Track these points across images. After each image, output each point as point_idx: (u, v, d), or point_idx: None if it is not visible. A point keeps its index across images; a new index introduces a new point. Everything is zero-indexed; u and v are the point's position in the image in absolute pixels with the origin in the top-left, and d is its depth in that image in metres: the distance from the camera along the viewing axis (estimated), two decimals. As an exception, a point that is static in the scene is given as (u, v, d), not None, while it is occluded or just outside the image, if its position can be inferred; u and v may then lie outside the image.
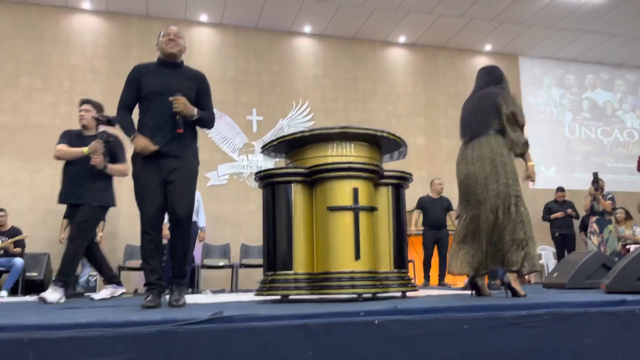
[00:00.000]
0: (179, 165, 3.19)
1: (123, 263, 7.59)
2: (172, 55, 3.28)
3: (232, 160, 8.98)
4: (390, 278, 3.55)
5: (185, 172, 3.21)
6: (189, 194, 3.24)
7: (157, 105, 3.18)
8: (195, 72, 3.39)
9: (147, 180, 3.17)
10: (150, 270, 3.21)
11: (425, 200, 7.58)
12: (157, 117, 3.18)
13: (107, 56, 8.74)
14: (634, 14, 9.05)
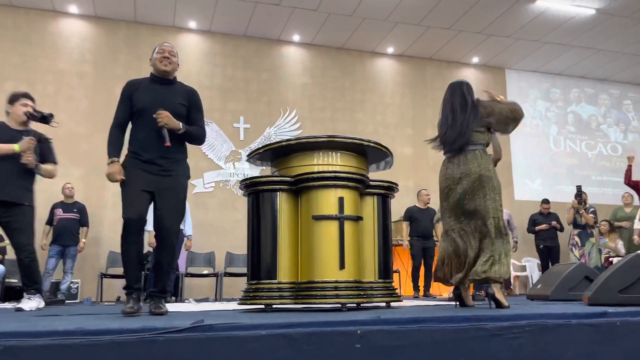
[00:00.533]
0: (170, 183, 3.22)
1: (106, 270, 7.50)
2: (165, 72, 3.32)
3: (218, 168, 8.95)
4: (375, 288, 3.55)
5: (174, 188, 3.23)
6: (177, 210, 3.25)
7: (148, 121, 3.19)
8: (187, 88, 3.41)
9: (133, 189, 3.17)
10: (130, 274, 3.21)
11: (413, 210, 7.61)
12: (148, 132, 3.20)
13: (93, 61, 8.68)
14: (618, 30, 9.21)
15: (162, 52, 3.31)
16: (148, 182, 3.18)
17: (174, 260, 3.41)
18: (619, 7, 8.48)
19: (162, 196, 3.19)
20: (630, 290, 3.75)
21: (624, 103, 11.50)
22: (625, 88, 11.52)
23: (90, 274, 7.79)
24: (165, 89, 3.31)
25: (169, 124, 3.16)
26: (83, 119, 8.39)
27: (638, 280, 3.76)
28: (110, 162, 3.19)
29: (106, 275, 7.29)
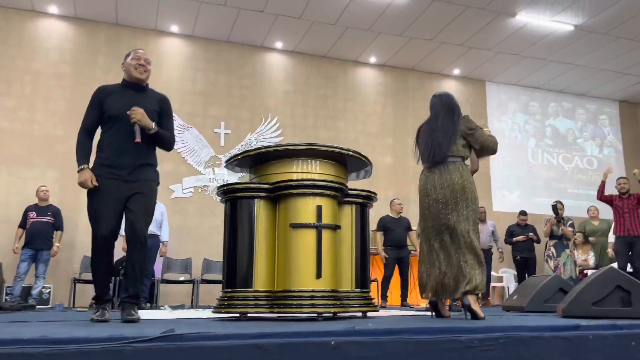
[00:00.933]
0: (140, 186, 3.19)
1: (79, 275, 7.35)
2: (140, 80, 3.31)
3: (197, 173, 8.86)
4: (352, 297, 3.52)
5: (145, 193, 3.20)
6: (148, 215, 3.23)
7: (120, 127, 3.18)
8: (159, 95, 3.41)
9: (104, 202, 3.13)
10: (100, 285, 3.18)
11: (387, 220, 7.60)
12: (119, 139, 3.17)
13: (72, 62, 8.55)
14: (595, 47, 9.40)
15: (137, 59, 3.29)
16: (119, 190, 3.14)
17: (146, 265, 3.41)
18: (597, 24, 8.66)
19: (133, 200, 3.16)
20: (603, 303, 3.79)
21: (600, 118, 11.72)
22: (601, 103, 11.75)
23: (63, 279, 7.63)
24: (137, 95, 3.29)
25: (142, 121, 3.14)
26: (60, 121, 8.24)
27: (611, 293, 3.81)
28: (81, 169, 3.16)
29: (79, 280, 7.15)
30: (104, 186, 3.14)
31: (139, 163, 3.20)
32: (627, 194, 6.66)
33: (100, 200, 3.13)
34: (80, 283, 7.19)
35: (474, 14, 8.42)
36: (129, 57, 3.33)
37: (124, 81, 3.35)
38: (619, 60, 9.94)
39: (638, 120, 11.98)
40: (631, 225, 6.53)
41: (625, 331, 2.46)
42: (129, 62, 3.31)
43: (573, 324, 2.46)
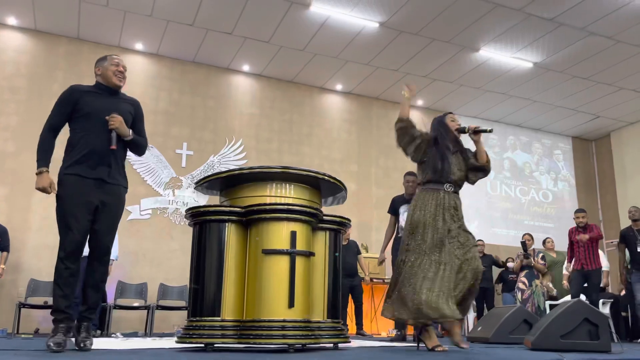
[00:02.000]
0: (112, 192, 3.13)
1: (25, 299, 6.90)
2: (117, 87, 3.29)
3: (156, 195, 8.57)
4: (323, 328, 3.40)
5: (116, 202, 3.16)
6: (114, 225, 3.19)
7: (95, 127, 3.11)
8: (132, 99, 3.43)
9: (76, 204, 3.00)
10: (62, 295, 3.00)
11: None
12: (94, 140, 3.10)
13: (29, 75, 8.20)
14: (551, 84, 9.76)
15: (116, 65, 3.25)
16: (91, 195, 3.04)
17: (106, 276, 3.29)
18: (554, 63, 9.01)
19: (103, 211, 3.09)
20: (571, 336, 3.80)
21: (555, 153, 12.13)
22: (556, 138, 12.18)
23: (6, 303, 7.15)
24: (113, 99, 3.26)
25: (120, 129, 3.12)
26: (11, 136, 7.84)
27: (579, 326, 3.83)
28: (40, 172, 3.02)
29: (25, 305, 6.70)
30: (76, 187, 3.02)
31: (112, 167, 3.14)
32: (584, 228, 6.82)
33: (72, 202, 3.00)
34: (26, 308, 6.75)
35: (439, 47, 8.61)
36: (106, 61, 3.26)
37: (98, 84, 3.26)
38: (573, 98, 10.35)
39: (589, 156, 12.47)
40: (588, 259, 6.67)
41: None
42: (106, 67, 3.24)
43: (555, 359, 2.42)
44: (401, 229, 5.71)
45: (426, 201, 3.43)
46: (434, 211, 3.38)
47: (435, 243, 3.32)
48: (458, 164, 3.53)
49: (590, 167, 12.40)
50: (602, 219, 11.87)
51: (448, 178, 3.45)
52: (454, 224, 3.37)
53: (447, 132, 3.56)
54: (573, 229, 6.94)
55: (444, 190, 3.45)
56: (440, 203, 3.40)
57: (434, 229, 3.34)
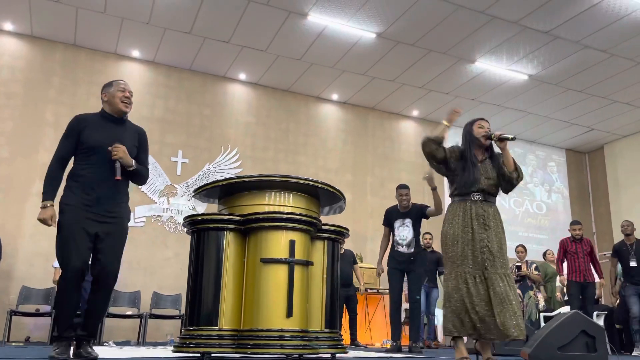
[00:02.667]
0: (113, 222, 3.12)
1: (16, 307, 6.82)
2: (124, 113, 3.26)
3: (151, 202, 8.53)
4: (321, 338, 3.37)
5: (118, 231, 3.15)
6: (118, 253, 3.16)
7: (98, 159, 3.09)
8: (138, 128, 3.38)
9: (77, 233, 2.99)
10: (64, 322, 3.00)
11: None
12: (97, 172, 3.09)
13: (24, 81, 8.16)
14: (546, 96, 9.84)
15: (123, 91, 3.22)
16: (91, 224, 3.03)
17: (108, 304, 3.30)
18: (549, 75, 9.08)
19: (106, 239, 3.07)
20: (568, 348, 3.80)
21: (549, 165, 12.20)
22: (550, 151, 12.25)
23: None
24: (118, 128, 3.22)
25: (124, 159, 3.09)
26: (6, 142, 7.77)
27: (576, 337, 3.83)
28: (44, 205, 3.01)
29: (16, 312, 6.62)
30: (76, 216, 3.01)
31: (114, 198, 3.13)
32: (580, 239, 6.84)
33: (72, 231, 2.98)
34: (17, 315, 6.67)
35: (435, 58, 8.66)
36: (112, 87, 3.24)
37: (103, 112, 3.25)
38: (567, 111, 10.43)
39: (583, 169, 12.55)
40: (585, 271, 6.68)
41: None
42: (113, 93, 3.22)
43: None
44: (396, 243, 5.71)
45: (454, 213, 3.34)
46: (462, 222, 3.28)
47: (466, 254, 3.22)
48: (486, 172, 3.37)
49: (583, 179, 12.47)
50: (595, 231, 11.92)
51: (473, 187, 3.32)
52: (484, 233, 3.23)
53: (473, 142, 3.48)
54: (567, 239, 6.95)
55: (471, 200, 3.32)
56: (468, 213, 3.29)
57: (463, 240, 3.25)
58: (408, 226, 5.67)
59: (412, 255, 5.59)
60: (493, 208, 3.37)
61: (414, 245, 5.62)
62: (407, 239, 5.63)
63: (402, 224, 5.72)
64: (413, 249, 5.60)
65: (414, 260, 5.57)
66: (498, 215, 3.38)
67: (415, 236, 5.65)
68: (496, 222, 3.32)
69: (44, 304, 7.03)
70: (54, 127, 7.99)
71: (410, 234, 5.65)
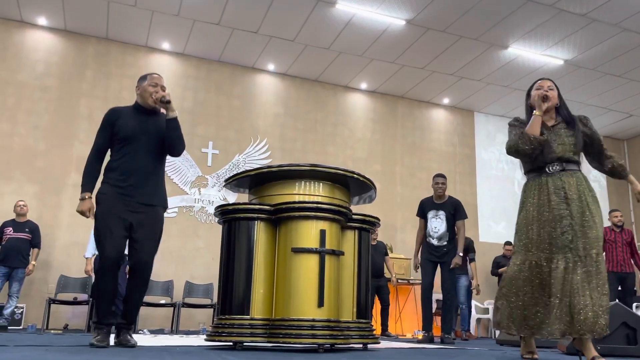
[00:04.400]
0: (149, 211, 3.15)
1: (55, 295, 7.01)
2: (152, 108, 3.29)
3: (183, 193, 8.63)
4: (352, 328, 3.35)
5: (153, 219, 3.17)
6: (154, 242, 3.19)
7: (132, 148, 3.15)
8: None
9: (112, 222, 3.05)
10: (103, 309, 3.06)
11: None
12: (131, 160, 3.14)
13: (59, 75, 8.33)
14: (582, 82, 9.54)
15: (154, 86, 3.25)
16: (127, 214, 3.08)
17: (145, 292, 3.29)
18: (586, 60, 8.79)
19: (141, 229, 3.11)
20: (608, 340, 3.69)
21: (585, 152, 11.84)
22: (586, 138, 11.89)
23: (36, 299, 7.27)
24: (150, 119, 3.26)
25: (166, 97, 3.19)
26: (42, 135, 7.97)
27: (617, 330, 3.71)
28: (83, 197, 3.09)
29: (55, 301, 6.81)
30: (111, 206, 3.07)
31: (149, 187, 3.16)
32: (621, 228, 6.63)
33: (107, 220, 3.04)
34: (56, 304, 6.85)
35: (466, 44, 8.48)
36: (145, 81, 3.28)
37: (136, 104, 3.30)
38: (605, 97, 10.10)
39: (621, 156, 12.15)
40: (624, 261, 6.48)
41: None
42: (145, 87, 3.26)
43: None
44: (428, 235, 5.62)
45: (527, 193, 2.91)
46: (537, 201, 2.82)
47: (543, 238, 2.77)
48: (559, 137, 2.87)
49: (621, 167, 12.08)
50: (634, 221, 11.56)
51: (547, 159, 2.85)
52: (566, 209, 2.74)
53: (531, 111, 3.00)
54: (607, 229, 6.75)
55: (547, 172, 2.85)
56: (544, 189, 2.82)
57: (539, 222, 2.79)
58: (441, 218, 5.57)
59: (446, 247, 5.49)
60: (574, 177, 2.82)
61: (446, 239, 5.51)
62: (440, 232, 5.54)
63: (436, 215, 5.62)
64: (446, 242, 5.50)
65: (447, 252, 5.48)
66: (584, 183, 2.83)
67: (447, 229, 5.55)
68: (580, 194, 2.78)
69: (81, 293, 7.21)
70: (88, 120, 8.15)
71: (443, 226, 5.54)
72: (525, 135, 2.85)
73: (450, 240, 5.52)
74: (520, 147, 2.86)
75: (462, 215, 5.59)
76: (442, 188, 5.65)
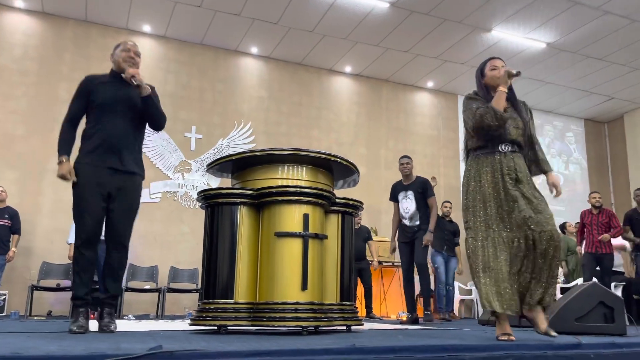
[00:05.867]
0: (127, 179, 3.12)
1: (37, 282, 6.95)
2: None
3: (166, 178, 8.57)
4: (335, 310, 3.38)
5: (131, 190, 3.15)
6: (130, 212, 3.16)
7: (107, 117, 3.10)
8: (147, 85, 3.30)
9: (89, 192, 3.01)
10: (80, 283, 3.01)
11: None
12: (107, 127, 3.09)
13: (38, 58, 8.16)
14: (564, 65, 9.60)
15: (127, 51, 3.21)
16: (104, 182, 3.04)
17: (126, 263, 3.24)
18: (568, 43, 8.85)
19: (119, 197, 3.07)
20: (586, 319, 3.77)
21: (567, 135, 11.99)
22: (568, 121, 12.02)
23: (19, 286, 7.21)
24: (126, 86, 3.19)
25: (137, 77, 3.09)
26: (21, 119, 7.83)
27: (594, 308, 3.80)
28: (60, 161, 3.04)
29: (37, 287, 6.75)
30: (89, 175, 3.02)
31: (125, 155, 3.11)
32: (599, 210, 6.74)
33: (85, 190, 3.01)
34: (38, 290, 6.80)
35: (450, 27, 8.47)
36: (119, 48, 3.24)
37: (112, 72, 3.24)
38: (586, 80, 10.18)
39: (602, 139, 12.32)
40: (600, 242, 6.60)
41: (624, 350, 2.41)
42: (118, 54, 3.22)
43: (574, 343, 2.39)
44: (401, 216, 5.68)
45: (480, 169, 2.89)
46: (492, 179, 2.84)
47: (502, 216, 2.81)
48: (512, 121, 2.91)
49: (602, 150, 12.25)
50: (614, 202, 11.76)
51: (502, 138, 2.87)
52: (518, 190, 2.79)
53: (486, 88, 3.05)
54: (586, 211, 6.86)
55: (499, 151, 2.86)
56: (498, 168, 2.84)
57: (496, 199, 2.82)
58: (410, 198, 5.63)
59: (417, 227, 5.55)
60: (522, 160, 2.91)
61: (417, 218, 5.57)
62: (410, 212, 5.60)
63: (405, 196, 5.68)
64: (417, 222, 5.56)
65: (418, 230, 5.54)
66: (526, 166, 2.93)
67: (417, 208, 5.59)
68: (527, 176, 2.87)
69: (64, 279, 7.16)
70: (67, 104, 8.00)
71: (413, 206, 5.60)
72: (492, 110, 2.84)
73: (421, 219, 5.56)
74: (488, 122, 2.83)
75: (430, 192, 5.62)
76: (407, 168, 5.71)
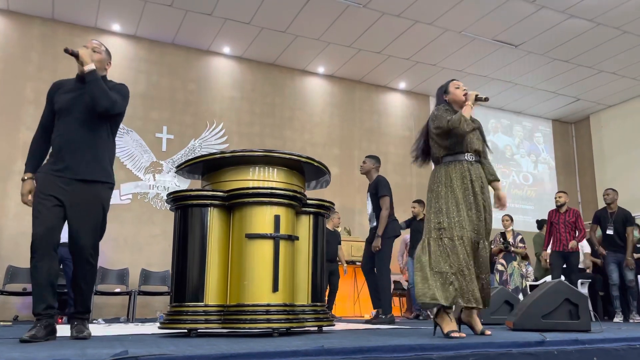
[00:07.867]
0: (83, 188, 2.91)
1: (2, 286, 6.78)
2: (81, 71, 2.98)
3: (137, 179, 8.45)
4: (307, 312, 3.38)
5: (87, 197, 2.92)
6: (92, 222, 2.92)
7: (64, 123, 2.94)
8: (113, 84, 3.13)
9: (41, 199, 2.84)
10: (38, 299, 2.77)
11: None
12: (63, 136, 2.93)
13: (2, 58, 7.95)
14: (532, 67, 9.80)
15: (87, 48, 3.06)
16: (59, 192, 2.86)
17: (94, 278, 3.05)
18: (535, 46, 9.03)
19: (74, 208, 2.87)
20: (552, 316, 3.86)
21: (535, 135, 12.24)
22: (536, 121, 12.28)
23: (-17, 291, 7.01)
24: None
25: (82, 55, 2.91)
26: (-14, 119, 7.62)
27: (560, 306, 3.88)
28: (23, 179, 2.90)
29: (3, 292, 6.59)
30: (44, 183, 2.87)
31: (84, 160, 2.92)
32: (565, 209, 6.89)
33: (39, 197, 2.84)
34: (4, 295, 6.63)
35: (421, 29, 8.56)
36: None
37: (77, 76, 3.08)
38: (553, 81, 10.41)
39: (569, 139, 12.62)
40: (567, 241, 6.75)
41: (587, 346, 2.47)
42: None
43: (538, 340, 2.44)
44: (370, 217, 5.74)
45: (451, 175, 3.09)
46: (462, 184, 3.07)
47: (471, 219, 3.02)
48: (474, 133, 3.18)
49: (569, 150, 12.55)
50: (581, 201, 12.06)
51: (468, 148, 3.12)
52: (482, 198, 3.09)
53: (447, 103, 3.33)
54: (553, 210, 7.01)
55: (466, 160, 3.12)
56: (467, 175, 3.08)
57: (466, 204, 3.04)
58: (368, 200, 5.70)
59: (375, 228, 5.58)
60: (481, 169, 3.21)
61: (374, 220, 5.61)
62: (369, 213, 5.68)
63: (367, 197, 5.76)
64: (375, 223, 5.60)
65: (374, 232, 5.57)
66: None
67: (373, 209, 5.63)
68: (486, 185, 3.18)
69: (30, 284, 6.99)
70: (34, 104, 7.83)
71: (369, 207, 5.67)
72: (465, 119, 3.08)
73: (377, 219, 5.56)
74: (463, 128, 3.07)
75: (380, 191, 5.52)
76: (362, 168, 5.79)
